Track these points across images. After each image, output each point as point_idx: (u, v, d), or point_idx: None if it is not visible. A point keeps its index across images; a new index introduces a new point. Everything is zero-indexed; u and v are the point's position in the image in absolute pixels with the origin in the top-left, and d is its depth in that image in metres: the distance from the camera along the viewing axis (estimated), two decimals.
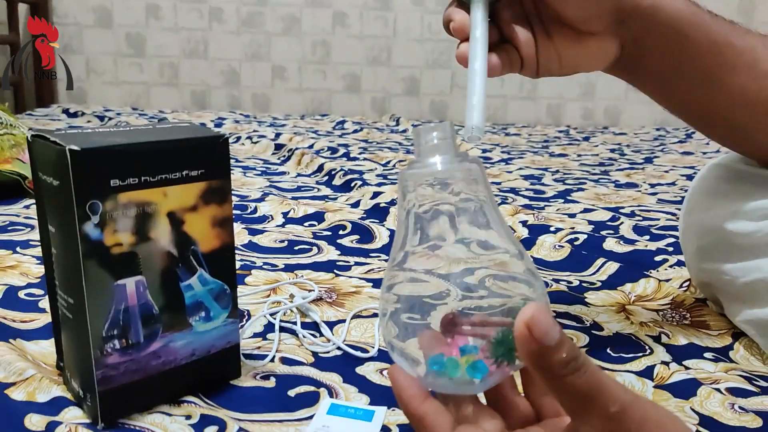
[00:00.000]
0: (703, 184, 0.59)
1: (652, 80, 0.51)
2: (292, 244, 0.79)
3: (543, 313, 0.27)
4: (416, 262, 0.35)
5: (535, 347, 0.27)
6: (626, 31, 0.47)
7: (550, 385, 0.28)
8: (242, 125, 1.92)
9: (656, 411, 0.28)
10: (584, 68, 0.49)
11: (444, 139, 0.34)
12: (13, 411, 0.40)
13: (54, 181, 0.38)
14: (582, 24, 0.46)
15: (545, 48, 0.48)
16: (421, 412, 0.32)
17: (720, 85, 0.48)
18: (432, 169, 0.34)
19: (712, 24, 0.47)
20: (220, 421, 0.40)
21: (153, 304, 0.40)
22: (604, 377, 0.28)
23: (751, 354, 0.53)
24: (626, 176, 1.39)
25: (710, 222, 0.56)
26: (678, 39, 0.47)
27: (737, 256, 0.53)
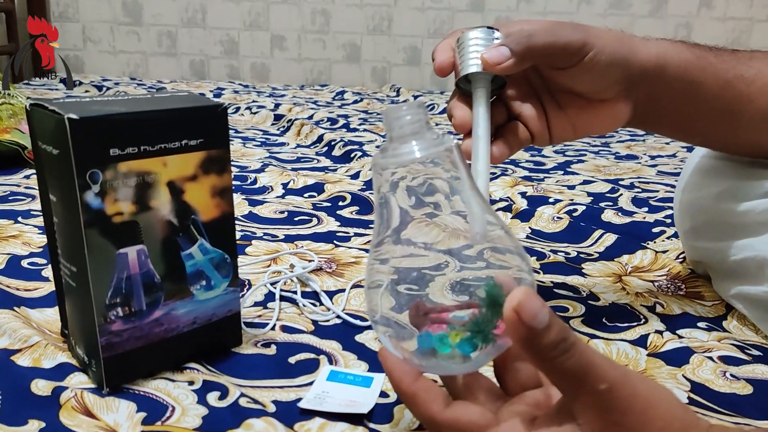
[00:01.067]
0: (696, 163, 0.60)
1: (671, 128, 0.51)
2: (292, 215, 0.80)
3: (531, 296, 0.28)
4: (414, 231, 0.35)
5: (525, 331, 0.27)
6: (637, 93, 0.46)
7: (540, 366, 0.29)
8: (241, 95, 1.91)
9: (646, 386, 0.29)
10: (599, 132, 0.48)
11: (417, 121, 0.33)
12: (19, 376, 0.40)
13: (54, 150, 0.38)
14: (593, 95, 0.46)
15: (557, 119, 0.47)
16: (413, 389, 0.32)
17: (739, 117, 0.48)
18: (408, 157, 0.33)
19: (718, 63, 0.47)
20: (222, 386, 0.41)
21: (155, 272, 0.41)
22: (592, 356, 0.28)
23: (744, 324, 0.54)
24: (627, 148, 1.38)
25: (703, 201, 0.57)
26: (689, 88, 0.46)
27: (729, 234, 0.54)
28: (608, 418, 0.28)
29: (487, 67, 0.42)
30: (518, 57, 0.42)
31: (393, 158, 0.33)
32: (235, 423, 0.37)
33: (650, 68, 0.45)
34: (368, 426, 0.38)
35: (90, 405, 0.38)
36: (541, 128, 0.47)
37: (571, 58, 0.43)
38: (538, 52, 0.42)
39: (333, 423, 0.38)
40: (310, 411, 0.39)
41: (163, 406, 0.39)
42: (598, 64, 0.43)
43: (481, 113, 0.44)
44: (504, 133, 0.46)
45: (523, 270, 0.34)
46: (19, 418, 0.37)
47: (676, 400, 0.30)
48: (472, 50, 0.43)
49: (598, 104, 0.46)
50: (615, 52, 0.43)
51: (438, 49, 0.45)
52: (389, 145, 0.34)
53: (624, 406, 0.28)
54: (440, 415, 0.31)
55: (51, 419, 0.37)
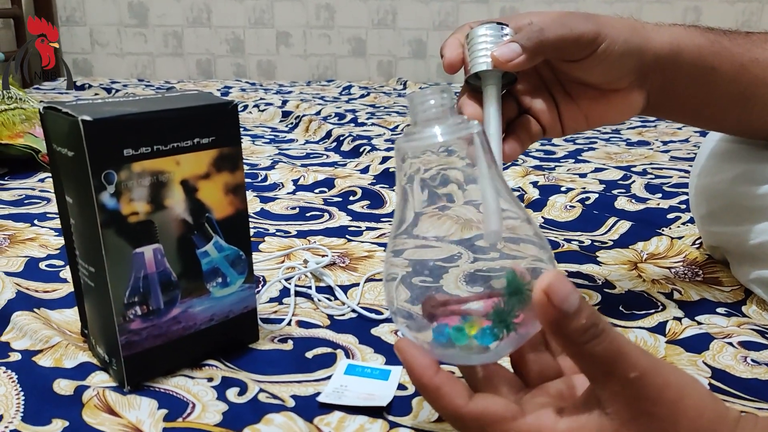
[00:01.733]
0: (711, 147, 0.59)
1: (684, 115, 0.51)
2: (303, 211, 0.80)
3: (561, 279, 0.27)
4: (426, 225, 0.35)
5: (554, 314, 0.27)
6: (651, 82, 0.45)
7: (570, 351, 0.28)
8: (248, 93, 1.91)
9: (677, 376, 0.28)
10: (612, 122, 0.47)
11: (442, 105, 0.33)
12: (41, 377, 0.41)
13: (68, 152, 0.38)
14: (606, 85, 0.45)
15: (569, 110, 0.46)
16: (435, 383, 0.31)
17: (754, 102, 0.47)
18: (431, 141, 0.33)
19: (732, 47, 0.46)
20: (241, 382, 0.41)
21: (171, 271, 0.41)
22: (624, 343, 0.28)
23: (764, 309, 0.54)
24: (638, 134, 1.37)
25: (719, 185, 0.56)
26: (704, 74, 0.46)
27: (747, 218, 0.53)
28: (638, 408, 0.28)
29: (497, 64, 0.42)
30: (530, 53, 0.41)
31: (416, 141, 0.33)
32: (255, 418, 0.37)
33: (664, 56, 0.44)
34: (387, 419, 0.38)
35: (112, 403, 0.39)
36: (553, 121, 0.46)
37: (583, 50, 0.42)
38: (550, 46, 0.41)
39: (352, 416, 0.39)
40: (329, 405, 0.39)
41: (183, 402, 0.39)
42: (612, 54, 0.42)
43: (492, 112, 0.43)
44: (515, 128, 0.45)
45: (541, 260, 0.33)
46: (42, 418, 0.37)
47: (706, 390, 0.29)
48: (482, 47, 0.43)
49: (611, 94, 0.45)
50: (628, 42, 0.42)
51: (446, 45, 0.44)
52: (413, 129, 0.34)
53: (655, 396, 0.27)
54: (464, 408, 0.31)
55: (74, 418, 0.37)
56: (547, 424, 0.30)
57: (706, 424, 0.28)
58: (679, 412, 0.28)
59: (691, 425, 0.28)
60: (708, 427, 0.28)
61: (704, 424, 0.28)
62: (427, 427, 0.38)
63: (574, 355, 0.28)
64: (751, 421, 0.29)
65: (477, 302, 0.33)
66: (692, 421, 0.28)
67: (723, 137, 0.58)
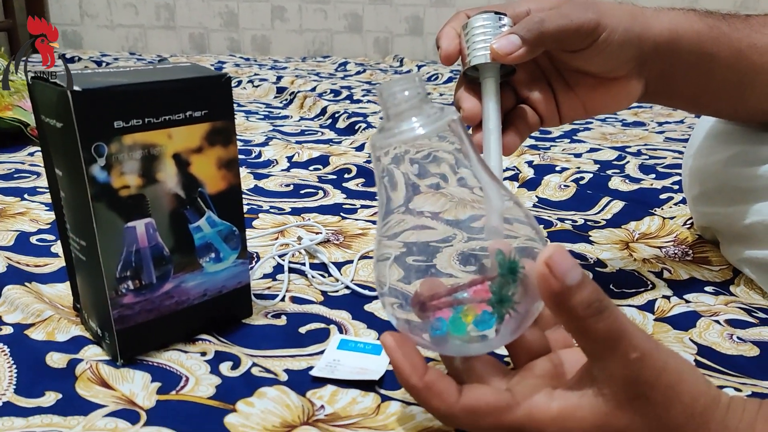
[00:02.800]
0: (705, 128, 0.59)
1: (682, 101, 0.50)
2: (297, 188, 0.80)
3: (564, 252, 0.27)
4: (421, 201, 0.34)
5: (557, 286, 0.26)
6: (650, 69, 0.45)
7: (571, 327, 0.28)
8: (243, 69, 1.89)
9: (675, 361, 0.29)
10: (610, 110, 0.47)
11: (415, 96, 0.32)
12: (34, 350, 0.41)
13: (57, 124, 0.38)
14: (605, 74, 0.44)
15: (567, 99, 0.46)
16: (424, 383, 0.31)
17: (752, 88, 0.47)
18: (407, 136, 0.31)
19: (731, 32, 0.45)
20: (234, 357, 0.41)
21: (163, 245, 0.41)
22: (627, 323, 0.27)
23: (752, 288, 0.54)
24: (633, 115, 1.37)
25: (713, 167, 0.56)
26: (702, 60, 0.45)
27: (739, 199, 0.53)
28: (635, 390, 0.28)
29: (497, 58, 0.41)
30: (530, 45, 0.40)
31: (393, 138, 0.32)
32: (249, 392, 0.38)
33: (663, 43, 0.43)
34: (379, 392, 0.39)
35: (105, 376, 0.39)
36: (551, 110, 0.46)
37: (584, 40, 0.41)
38: (551, 37, 0.40)
39: (345, 390, 0.39)
40: (321, 379, 0.40)
41: (176, 376, 0.39)
42: (612, 44, 0.41)
43: (491, 106, 0.42)
44: (513, 120, 0.45)
45: (534, 240, 0.33)
46: (35, 390, 0.37)
47: (702, 376, 0.30)
48: (480, 38, 0.42)
49: (610, 83, 0.45)
50: (628, 30, 0.42)
51: (443, 35, 0.43)
52: (386, 124, 0.32)
53: (653, 379, 0.28)
54: (456, 404, 0.30)
55: (67, 390, 0.37)
56: (540, 408, 0.30)
57: (699, 409, 0.28)
58: (674, 396, 0.28)
59: (685, 410, 0.28)
60: (701, 413, 0.28)
61: (697, 409, 0.28)
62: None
63: (576, 331, 0.28)
64: (740, 405, 0.30)
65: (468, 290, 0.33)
66: (686, 407, 0.28)
67: (717, 119, 0.58)
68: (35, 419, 0.35)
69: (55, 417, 0.35)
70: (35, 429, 0.34)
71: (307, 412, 0.37)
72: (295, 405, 0.37)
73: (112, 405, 0.36)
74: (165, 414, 0.36)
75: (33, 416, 0.35)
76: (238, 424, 0.35)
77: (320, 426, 0.35)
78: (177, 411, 0.36)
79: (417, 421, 0.36)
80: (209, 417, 0.36)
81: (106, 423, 0.35)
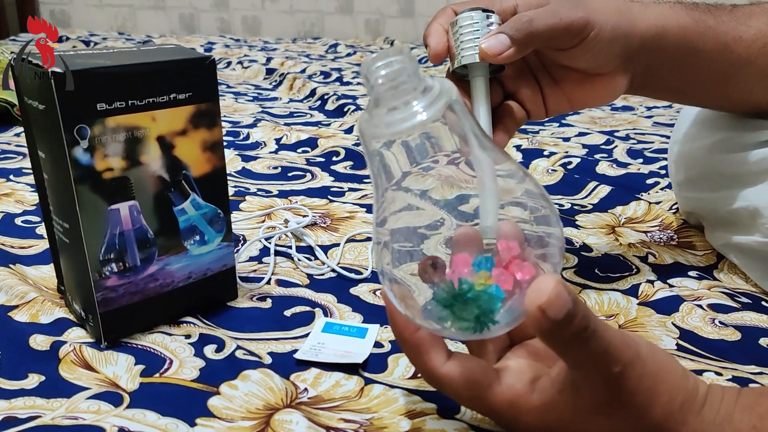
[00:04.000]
0: (691, 114, 0.59)
1: (667, 94, 0.50)
2: (285, 171, 0.79)
3: (559, 292, 0.26)
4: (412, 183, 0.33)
5: (548, 326, 0.26)
6: (635, 65, 0.45)
7: (557, 351, 0.28)
8: (233, 50, 1.87)
9: (654, 361, 0.29)
10: (596, 104, 0.47)
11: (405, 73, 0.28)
12: (17, 332, 0.41)
13: (40, 105, 0.37)
14: (592, 70, 0.44)
15: (553, 94, 0.46)
16: (415, 340, 0.31)
17: (737, 80, 0.47)
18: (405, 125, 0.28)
19: (717, 26, 0.45)
20: (219, 339, 0.42)
21: (147, 228, 0.41)
22: (609, 337, 0.27)
23: (735, 273, 0.55)
24: (622, 99, 1.37)
25: (698, 152, 0.57)
26: (688, 55, 0.45)
27: (723, 185, 0.54)
28: (615, 397, 0.28)
29: (486, 58, 0.40)
30: (519, 45, 0.40)
31: (386, 128, 0.29)
32: (232, 374, 0.38)
33: (649, 39, 0.44)
34: (363, 375, 0.39)
35: (89, 358, 0.39)
36: (537, 105, 0.46)
37: (573, 39, 0.41)
38: (540, 37, 0.40)
39: (328, 373, 0.39)
40: (305, 362, 0.40)
41: (160, 358, 0.39)
42: (601, 42, 0.41)
43: (482, 107, 0.42)
44: (501, 116, 0.45)
45: (525, 221, 0.33)
46: (18, 372, 0.37)
47: (680, 369, 0.30)
48: (468, 37, 0.41)
49: (595, 78, 0.45)
50: (616, 27, 0.42)
51: (430, 33, 0.43)
52: (375, 110, 0.29)
53: (633, 387, 0.28)
54: (440, 368, 0.31)
55: (51, 372, 0.37)
56: (521, 397, 0.30)
57: (678, 406, 0.29)
58: (653, 398, 0.28)
59: (664, 409, 0.29)
60: (679, 409, 0.29)
61: (676, 406, 0.29)
62: (401, 383, 0.38)
63: (562, 354, 0.28)
64: (718, 395, 0.30)
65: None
66: (665, 406, 0.29)
67: None
68: (18, 401, 0.35)
69: (38, 399, 0.35)
70: (18, 411, 0.34)
71: (291, 395, 0.37)
72: (278, 388, 0.37)
73: (96, 387, 0.36)
74: (148, 396, 0.36)
75: (16, 398, 0.35)
76: (221, 406, 0.35)
77: (303, 409, 0.36)
78: (160, 393, 0.36)
79: (400, 404, 0.36)
80: (193, 399, 0.36)
81: (89, 405, 0.35)
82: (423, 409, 0.36)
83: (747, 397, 0.30)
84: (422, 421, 0.35)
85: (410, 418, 0.35)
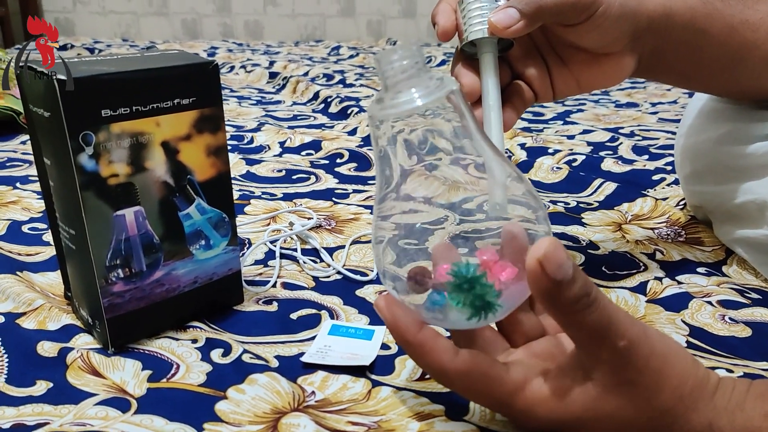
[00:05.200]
0: (697, 107, 0.59)
1: (674, 77, 0.50)
2: (290, 174, 0.79)
3: (556, 247, 0.26)
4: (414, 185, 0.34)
5: (547, 284, 0.26)
6: (643, 45, 0.44)
7: (560, 320, 0.28)
8: (235, 54, 1.87)
9: (663, 345, 0.29)
10: (603, 86, 0.47)
11: (414, 65, 0.31)
12: (25, 339, 0.41)
13: (45, 113, 0.37)
14: (600, 49, 0.44)
15: (561, 75, 0.45)
16: (419, 339, 0.31)
17: (744, 64, 0.47)
18: (406, 107, 0.31)
19: (724, 8, 0.45)
20: (225, 344, 0.42)
21: (153, 233, 0.41)
22: (614, 311, 0.27)
23: (744, 268, 0.54)
24: (627, 96, 1.36)
25: (704, 145, 0.56)
26: (695, 37, 0.45)
27: (730, 178, 0.53)
28: (624, 376, 0.28)
29: (495, 31, 0.40)
30: (528, 19, 0.40)
31: (392, 109, 0.31)
32: (239, 379, 0.38)
33: (657, 18, 0.43)
34: (370, 378, 0.39)
35: (96, 364, 0.39)
36: (545, 86, 0.46)
37: (581, 14, 0.40)
38: (549, 11, 0.40)
39: (335, 376, 0.39)
40: (312, 365, 0.40)
41: (167, 363, 0.39)
42: (609, 19, 0.41)
43: (490, 81, 0.42)
44: (509, 96, 0.45)
45: (530, 220, 0.33)
46: (26, 379, 0.37)
47: (690, 357, 0.30)
48: (476, 13, 0.41)
49: (603, 58, 0.44)
50: (624, 5, 0.41)
51: (439, 11, 0.43)
52: (385, 95, 0.32)
53: (641, 365, 0.28)
54: (450, 363, 0.30)
55: (58, 379, 0.38)
56: (532, 389, 0.30)
57: (688, 391, 0.29)
58: (662, 380, 0.28)
59: (674, 393, 0.28)
60: (689, 394, 0.29)
61: (686, 391, 0.29)
62: (409, 385, 0.38)
63: (564, 324, 0.28)
64: (729, 384, 0.30)
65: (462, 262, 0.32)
66: (674, 389, 0.28)
67: (709, 97, 0.58)
68: (26, 408, 0.35)
69: (46, 406, 0.35)
70: (26, 418, 0.34)
71: (298, 398, 0.37)
72: (285, 391, 0.37)
73: (103, 393, 0.36)
74: (156, 402, 0.36)
75: (24, 405, 0.35)
76: (228, 411, 0.35)
77: (311, 412, 0.35)
78: (168, 399, 0.36)
79: (408, 406, 0.36)
80: (200, 404, 0.36)
81: (97, 411, 0.35)
82: (431, 410, 0.36)
83: (758, 387, 0.30)
84: (431, 423, 0.35)
85: (418, 420, 0.35)
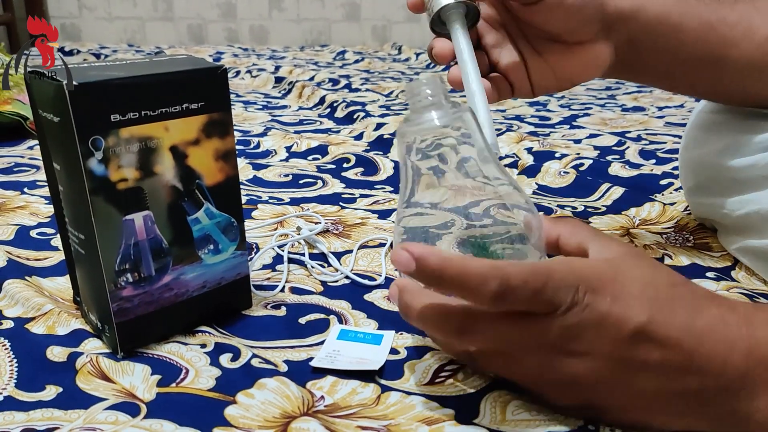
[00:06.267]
0: (698, 119, 0.59)
1: (656, 75, 0.51)
2: (296, 178, 0.79)
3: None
4: (423, 193, 0.36)
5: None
6: (617, 35, 0.45)
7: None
8: (241, 59, 1.88)
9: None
10: (581, 78, 0.47)
11: (436, 94, 0.37)
12: (34, 344, 0.41)
13: (54, 118, 0.37)
14: (569, 36, 0.45)
15: (537, 66, 0.46)
16: (459, 268, 0.29)
17: (724, 63, 0.47)
18: (428, 125, 0.37)
19: (699, 5, 0.46)
20: (234, 348, 0.41)
21: (162, 238, 0.41)
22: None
23: (753, 273, 0.54)
24: (633, 100, 1.36)
25: (705, 158, 0.56)
26: (670, 31, 0.46)
27: (733, 189, 0.53)
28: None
29: None
30: None
31: (415, 126, 0.37)
32: (248, 383, 0.38)
33: (626, 10, 0.44)
34: (379, 382, 0.39)
35: (106, 369, 0.39)
36: (521, 78, 0.47)
37: None
38: None
39: (344, 380, 0.39)
40: (321, 369, 0.40)
41: (177, 368, 0.39)
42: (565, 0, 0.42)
43: (461, 40, 0.45)
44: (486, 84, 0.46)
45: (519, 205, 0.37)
46: (36, 384, 0.38)
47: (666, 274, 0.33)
48: None
49: (577, 48, 0.45)
50: None
51: None
52: (412, 116, 0.38)
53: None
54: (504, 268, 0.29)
55: (68, 384, 0.38)
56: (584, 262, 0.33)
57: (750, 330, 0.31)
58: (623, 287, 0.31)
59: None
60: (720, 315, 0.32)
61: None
62: (418, 390, 0.38)
63: None
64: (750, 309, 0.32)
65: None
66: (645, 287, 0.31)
67: (706, 108, 0.58)
68: (36, 413, 0.35)
69: (55, 411, 0.35)
70: (36, 423, 0.34)
71: (307, 402, 0.37)
72: (295, 396, 0.37)
73: (113, 398, 0.36)
74: (165, 406, 0.36)
75: (34, 410, 0.35)
76: (238, 415, 0.35)
77: (320, 417, 0.35)
78: (177, 403, 0.36)
79: (418, 411, 0.36)
80: (209, 409, 0.36)
81: (107, 416, 0.35)
82: (441, 415, 0.36)
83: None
84: (440, 428, 0.35)
85: (428, 424, 0.35)
